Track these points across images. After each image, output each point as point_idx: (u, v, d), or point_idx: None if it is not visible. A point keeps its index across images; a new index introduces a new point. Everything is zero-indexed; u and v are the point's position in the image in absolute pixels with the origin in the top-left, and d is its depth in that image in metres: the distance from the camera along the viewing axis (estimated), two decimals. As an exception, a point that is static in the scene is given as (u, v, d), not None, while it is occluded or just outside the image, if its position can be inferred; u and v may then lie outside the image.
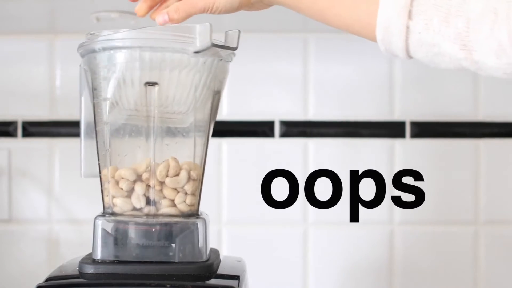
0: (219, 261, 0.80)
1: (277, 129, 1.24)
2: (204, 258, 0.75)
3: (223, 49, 0.75)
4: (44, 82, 1.24)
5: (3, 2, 1.02)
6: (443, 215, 1.23)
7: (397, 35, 0.65)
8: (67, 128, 1.24)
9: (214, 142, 1.23)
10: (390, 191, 1.22)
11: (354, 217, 1.23)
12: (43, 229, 1.24)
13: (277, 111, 1.24)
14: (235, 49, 0.75)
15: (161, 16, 0.74)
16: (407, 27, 0.65)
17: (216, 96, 0.79)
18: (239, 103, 1.24)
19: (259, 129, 1.24)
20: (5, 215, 1.24)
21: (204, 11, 0.75)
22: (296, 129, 1.23)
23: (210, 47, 0.72)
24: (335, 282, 1.23)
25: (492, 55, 0.61)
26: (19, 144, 1.24)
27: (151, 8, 0.78)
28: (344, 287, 1.23)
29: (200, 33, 0.72)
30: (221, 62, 0.78)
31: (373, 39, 0.68)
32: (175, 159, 0.77)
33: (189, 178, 0.77)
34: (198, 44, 0.73)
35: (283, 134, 1.23)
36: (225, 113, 1.24)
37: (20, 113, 1.25)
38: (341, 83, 1.23)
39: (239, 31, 0.75)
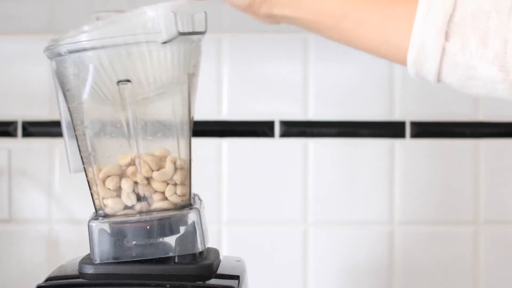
0: (219, 261, 0.80)
1: (277, 129, 1.24)
2: (200, 248, 0.75)
3: (192, 35, 0.73)
4: (44, 82, 1.24)
5: (3, 2, 1.02)
6: (443, 215, 1.23)
7: (432, 58, 0.62)
8: (67, 128, 1.23)
9: (214, 142, 1.23)
10: (390, 191, 1.22)
11: (354, 217, 1.23)
12: (43, 229, 1.24)
13: (277, 111, 1.24)
14: (203, 33, 0.74)
15: None
16: (443, 49, 0.62)
17: (193, 79, 0.77)
18: (239, 103, 1.24)
19: (259, 129, 1.24)
20: (5, 215, 1.24)
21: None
22: (296, 129, 1.23)
23: (177, 36, 0.71)
24: (335, 282, 1.23)
25: None
26: (19, 144, 1.24)
27: None
28: (344, 287, 1.23)
29: (165, 23, 0.71)
30: (193, 45, 0.76)
31: (402, 62, 0.65)
32: (159, 152, 0.76)
33: (176, 168, 0.76)
34: (165, 35, 0.71)
35: (283, 134, 1.23)
36: (225, 113, 1.24)
37: (20, 113, 1.24)
38: (341, 83, 1.23)
39: (206, 13, 0.73)
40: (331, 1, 0.66)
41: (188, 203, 0.78)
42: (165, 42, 0.72)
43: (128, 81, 0.74)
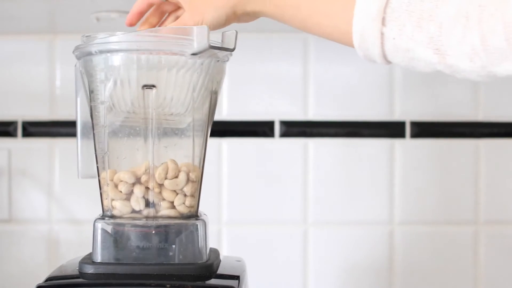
0: (219, 261, 0.80)
1: (277, 129, 1.24)
2: (204, 259, 0.75)
3: (221, 50, 0.75)
4: (44, 82, 1.24)
5: (3, 2, 1.02)
6: (443, 215, 1.23)
7: (373, 42, 0.66)
8: (67, 128, 1.23)
9: (214, 142, 1.23)
10: (390, 191, 1.23)
11: (354, 217, 1.23)
12: (43, 229, 1.24)
13: (277, 111, 1.24)
14: (232, 50, 0.75)
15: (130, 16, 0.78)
16: (382, 34, 0.65)
17: (214, 96, 0.79)
18: (239, 103, 1.24)
19: (259, 129, 1.24)
20: (5, 215, 1.24)
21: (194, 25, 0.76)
22: (296, 129, 1.24)
23: (208, 49, 0.72)
24: (335, 282, 1.23)
25: (465, 58, 0.62)
26: (19, 144, 1.24)
27: (142, 15, 0.80)
28: (344, 287, 1.23)
29: (198, 35, 0.72)
30: (218, 63, 0.78)
31: (353, 46, 0.69)
32: (174, 161, 0.77)
33: (188, 179, 0.77)
34: (196, 46, 0.73)
35: (283, 134, 1.24)
36: (225, 113, 1.24)
37: (20, 113, 1.25)
38: (341, 83, 1.23)
39: (236, 32, 0.75)
40: None
41: (195, 214, 0.78)
42: (194, 54, 0.73)
43: (154, 86, 0.75)
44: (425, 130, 1.23)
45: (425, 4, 0.63)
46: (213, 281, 0.74)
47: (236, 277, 0.76)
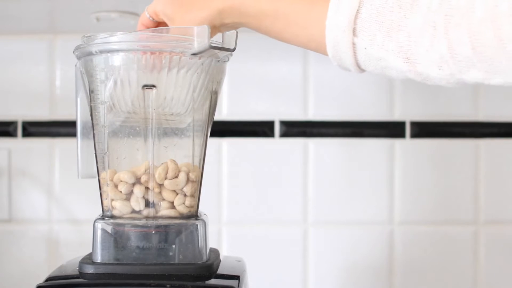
0: (219, 261, 0.80)
1: (277, 129, 1.24)
2: (204, 259, 0.76)
3: (221, 51, 0.75)
4: (44, 82, 1.24)
5: (3, 2, 1.02)
6: (443, 215, 1.23)
7: (345, 52, 0.68)
8: (67, 128, 1.24)
9: (214, 142, 1.23)
10: (390, 191, 1.23)
11: (354, 217, 1.23)
12: (43, 229, 1.24)
13: (277, 111, 1.24)
14: (232, 50, 0.76)
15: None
16: (353, 44, 0.67)
17: (214, 96, 0.79)
18: (239, 103, 1.24)
19: (259, 129, 1.24)
20: (5, 215, 1.24)
21: None
22: (296, 129, 1.24)
23: (208, 49, 0.72)
24: (335, 282, 1.23)
25: (434, 67, 0.63)
26: (19, 144, 1.24)
27: None
28: (343, 287, 1.23)
29: (198, 35, 0.72)
30: (219, 63, 0.78)
31: (327, 54, 0.71)
32: (174, 161, 0.77)
33: (188, 180, 0.77)
34: (196, 46, 0.73)
35: (283, 134, 1.24)
36: (225, 113, 1.24)
37: (20, 113, 1.25)
38: (341, 83, 1.23)
39: (237, 32, 0.75)
40: (264, 5, 0.73)
41: (195, 214, 0.78)
42: (194, 54, 0.73)
43: (154, 86, 0.75)
44: (425, 130, 1.23)
45: (394, 14, 0.64)
46: (213, 281, 0.74)
47: (236, 277, 0.76)
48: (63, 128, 1.24)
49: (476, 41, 0.60)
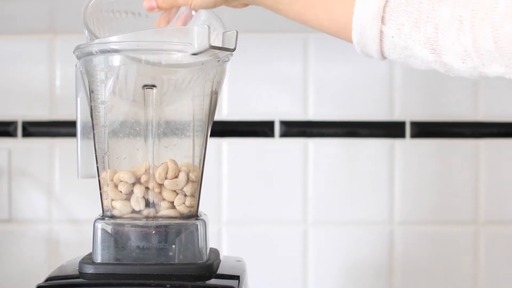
0: (219, 261, 0.80)
1: (277, 129, 1.24)
2: (204, 259, 0.76)
3: (221, 51, 0.75)
4: (44, 82, 1.24)
5: (3, 2, 1.02)
6: (443, 215, 1.23)
7: (372, 39, 0.69)
8: (67, 128, 1.24)
9: (214, 142, 1.23)
10: (390, 191, 1.23)
11: (354, 217, 1.23)
12: (43, 229, 1.24)
13: (277, 111, 1.24)
14: (233, 50, 0.76)
15: (148, 2, 0.79)
16: (381, 32, 0.68)
17: (214, 96, 0.79)
18: (239, 103, 1.24)
19: (259, 129, 1.24)
20: (5, 215, 1.24)
21: (184, 4, 0.79)
22: (296, 129, 1.24)
23: (208, 49, 0.72)
24: (335, 282, 1.23)
25: (458, 59, 0.65)
26: (19, 144, 1.24)
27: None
28: (343, 287, 1.23)
29: (198, 35, 0.72)
30: (219, 63, 0.78)
31: (350, 41, 0.71)
32: (174, 161, 0.77)
33: (188, 179, 0.77)
34: (196, 46, 0.73)
35: (283, 134, 1.24)
36: (225, 113, 1.24)
37: (20, 113, 1.25)
38: (341, 83, 1.23)
39: (237, 32, 0.75)
40: None
41: (195, 214, 0.78)
42: (195, 54, 0.73)
43: (154, 86, 0.75)
44: (425, 130, 1.23)
45: (422, 6, 0.66)
46: (213, 281, 0.74)
47: (236, 277, 0.76)
48: (63, 128, 1.24)
49: (498, 35, 0.61)
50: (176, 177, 0.77)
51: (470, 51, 0.64)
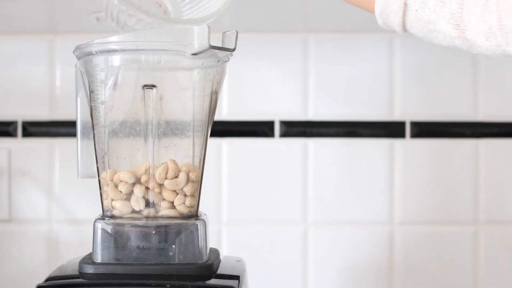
0: (219, 261, 0.80)
1: (277, 129, 1.24)
2: (204, 259, 0.76)
3: (221, 51, 0.75)
4: (44, 82, 1.24)
5: (3, 2, 1.02)
6: (443, 215, 1.23)
7: (395, 12, 0.69)
8: (67, 128, 1.24)
9: (214, 142, 1.23)
10: (390, 191, 1.23)
11: (354, 217, 1.23)
12: (43, 229, 1.24)
13: (277, 111, 1.24)
14: (233, 50, 0.76)
15: None
16: (405, 4, 0.69)
17: (214, 96, 0.79)
18: (239, 103, 1.24)
19: (259, 129, 1.24)
20: (5, 215, 1.24)
21: None
22: (296, 129, 1.24)
23: (208, 49, 0.72)
24: (335, 282, 1.23)
25: (482, 36, 0.65)
26: (19, 144, 1.24)
27: None
28: (344, 287, 1.23)
29: (198, 35, 0.72)
30: (219, 63, 0.78)
31: (372, 11, 0.72)
32: (174, 161, 0.77)
33: (188, 179, 0.77)
34: (196, 46, 0.73)
35: (283, 134, 1.24)
36: (225, 113, 1.24)
37: (20, 113, 1.25)
38: (341, 83, 1.23)
39: (237, 32, 0.75)
40: None
41: (195, 214, 0.78)
42: (195, 54, 0.73)
43: (154, 86, 0.75)
44: (425, 130, 1.23)
45: None
46: (213, 281, 0.74)
47: (236, 277, 0.76)
48: (63, 128, 1.24)
49: None
50: (176, 177, 0.77)
51: (495, 29, 0.64)
